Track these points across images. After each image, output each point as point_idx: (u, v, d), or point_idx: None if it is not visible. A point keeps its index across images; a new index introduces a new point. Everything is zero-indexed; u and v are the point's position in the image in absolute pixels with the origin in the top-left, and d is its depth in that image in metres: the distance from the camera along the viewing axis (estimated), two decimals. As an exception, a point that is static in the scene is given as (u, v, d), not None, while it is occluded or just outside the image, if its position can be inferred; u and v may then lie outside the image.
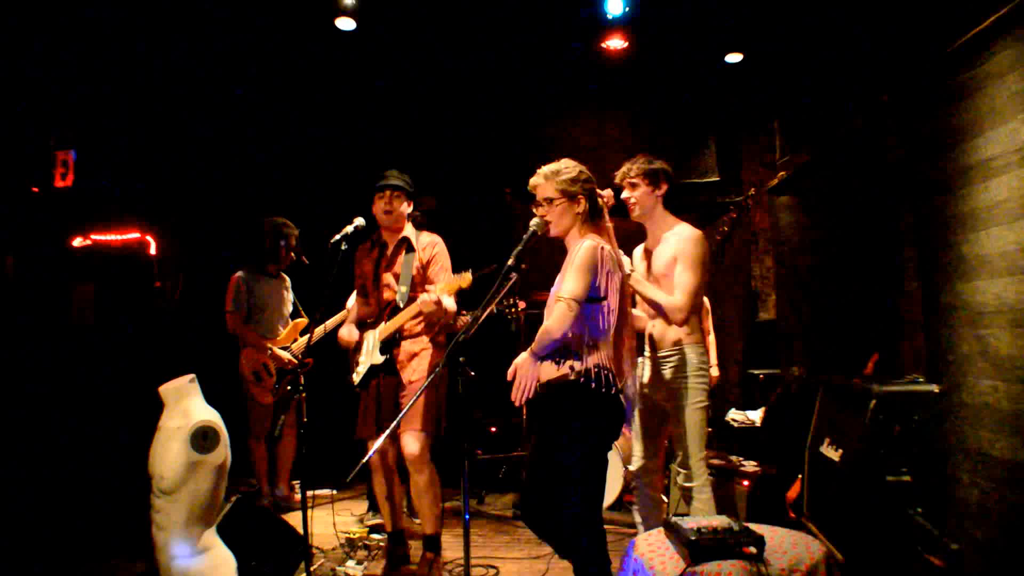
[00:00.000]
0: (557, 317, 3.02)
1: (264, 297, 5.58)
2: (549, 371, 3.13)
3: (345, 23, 6.05)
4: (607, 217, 3.43)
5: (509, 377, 3.18)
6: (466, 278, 4.02)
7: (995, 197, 3.59)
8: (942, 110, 4.03)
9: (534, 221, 3.31)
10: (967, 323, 3.82)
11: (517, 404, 3.10)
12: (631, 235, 4.04)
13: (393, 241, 4.42)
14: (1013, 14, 3.50)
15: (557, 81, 7.09)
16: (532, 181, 3.40)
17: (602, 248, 3.16)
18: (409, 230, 4.44)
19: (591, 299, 3.10)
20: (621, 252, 3.44)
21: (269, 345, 5.46)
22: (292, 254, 5.71)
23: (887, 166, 4.70)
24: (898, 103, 4.57)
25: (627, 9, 5.80)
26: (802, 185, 6.22)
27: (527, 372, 3.09)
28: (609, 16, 5.85)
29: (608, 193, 3.56)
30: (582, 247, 3.15)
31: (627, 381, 3.27)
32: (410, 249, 4.35)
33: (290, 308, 5.76)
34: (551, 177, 3.34)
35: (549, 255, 6.88)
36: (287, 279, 5.84)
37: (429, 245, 4.38)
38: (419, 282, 4.27)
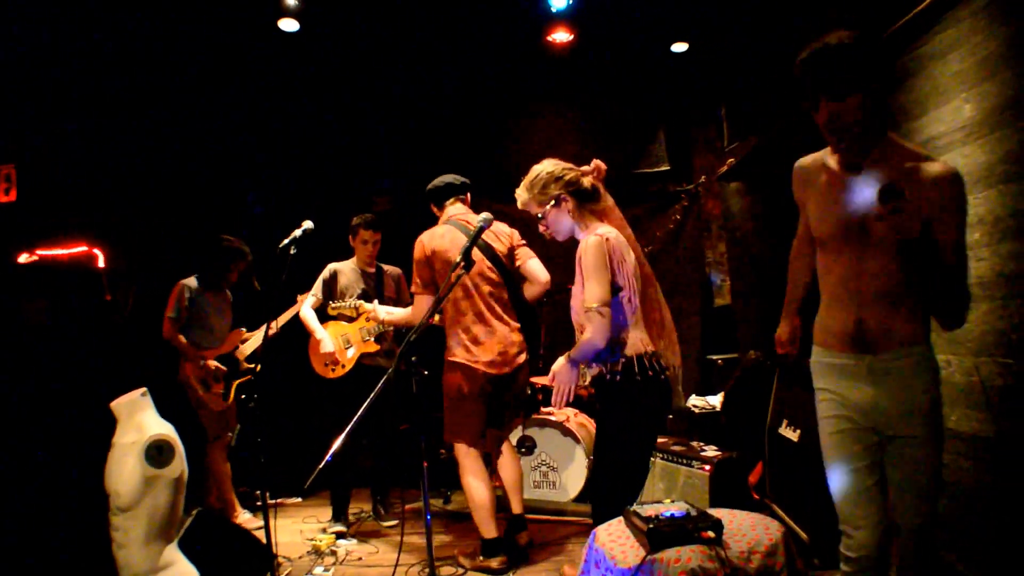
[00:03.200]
0: (596, 328, 2.99)
1: (206, 308, 5.53)
2: (593, 371, 3.19)
3: (288, 24, 5.99)
4: (605, 195, 3.37)
5: (548, 383, 3.19)
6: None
7: (940, 175, 3.65)
8: (885, 91, 4.09)
9: (481, 216, 3.30)
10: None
11: (559, 409, 3.16)
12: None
13: None
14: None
15: (506, 76, 7.09)
16: (518, 205, 3.39)
17: (607, 239, 3.11)
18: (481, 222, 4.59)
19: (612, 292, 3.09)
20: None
21: (203, 355, 5.42)
22: (238, 276, 5.65)
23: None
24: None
25: (571, 2, 5.84)
26: (751, 170, 6.27)
27: (566, 379, 3.08)
28: (553, 9, 5.88)
29: (594, 165, 3.42)
30: (586, 246, 3.10)
31: (668, 356, 3.27)
32: None
33: (230, 319, 5.71)
34: (528, 193, 3.31)
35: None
36: (228, 292, 5.79)
37: None
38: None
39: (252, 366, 5.53)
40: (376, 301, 4.90)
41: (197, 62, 6.41)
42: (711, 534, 2.32)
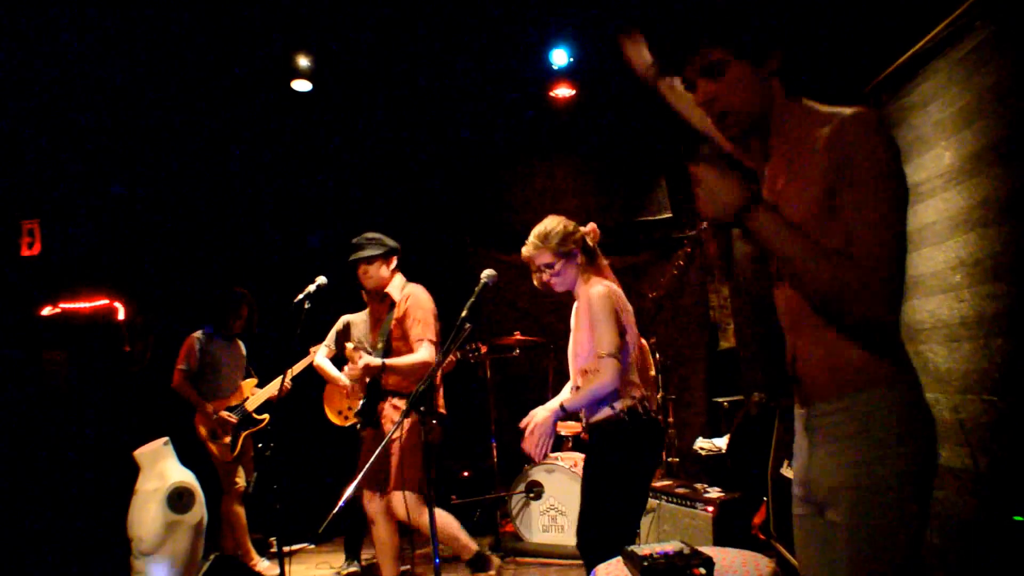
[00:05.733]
0: (610, 373, 3.14)
1: (219, 358, 5.65)
2: (595, 414, 3.30)
3: (301, 85, 6.23)
4: (601, 256, 3.54)
5: (527, 437, 3.26)
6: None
7: (924, 220, 3.80)
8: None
9: (485, 273, 3.41)
10: (907, 340, 3.98)
11: (538, 461, 3.24)
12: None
13: (382, 299, 4.60)
14: (931, 48, 3.74)
15: (510, 130, 7.30)
16: (525, 252, 3.50)
17: (612, 289, 3.33)
18: (393, 284, 4.57)
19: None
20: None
21: (211, 407, 5.52)
22: (244, 323, 5.81)
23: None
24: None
25: (571, 60, 6.08)
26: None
27: (546, 430, 3.20)
28: (555, 67, 6.12)
29: (591, 227, 3.58)
30: (595, 296, 3.28)
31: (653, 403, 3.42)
32: (392, 305, 4.51)
33: (243, 370, 5.85)
34: (543, 243, 3.43)
35: (515, 300, 7.08)
36: (241, 343, 5.95)
37: (404, 299, 4.50)
38: (397, 336, 4.41)
39: (261, 418, 5.65)
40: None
41: (214, 122, 6.66)
42: (702, 571, 2.44)
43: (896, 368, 1.70)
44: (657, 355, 6.13)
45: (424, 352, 4.30)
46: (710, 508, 4.60)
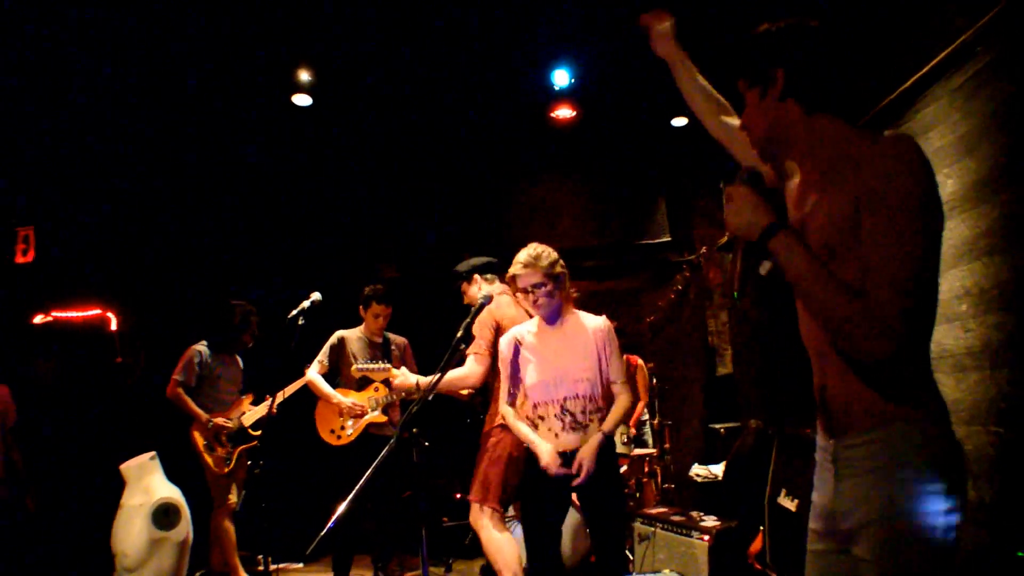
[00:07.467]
0: (630, 398, 3.50)
1: (217, 373, 5.57)
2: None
3: (302, 99, 6.21)
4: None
5: (575, 470, 3.27)
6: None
7: (928, 248, 3.76)
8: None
9: (481, 295, 3.40)
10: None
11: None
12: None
13: None
14: (931, 75, 3.73)
15: (511, 150, 7.29)
16: (512, 271, 3.48)
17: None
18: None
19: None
20: None
21: (207, 416, 5.44)
22: (249, 338, 5.77)
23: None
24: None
25: (573, 81, 6.07)
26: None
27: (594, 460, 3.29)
28: (556, 87, 6.10)
29: None
30: (611, 328, 3.53)
31: None
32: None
33: (240, 385, 5.78)
34: (534, 264, 3.42)
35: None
36: (239, 358, 5.87)
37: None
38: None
39: (257, 433, 5.57)
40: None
41: (212, 133, 6.63)
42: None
43: (927, 401, 1.67)
44: (654, 380, 6.08)
45: (465, 367, 4.13)
46: (706, 537, 4.52)
